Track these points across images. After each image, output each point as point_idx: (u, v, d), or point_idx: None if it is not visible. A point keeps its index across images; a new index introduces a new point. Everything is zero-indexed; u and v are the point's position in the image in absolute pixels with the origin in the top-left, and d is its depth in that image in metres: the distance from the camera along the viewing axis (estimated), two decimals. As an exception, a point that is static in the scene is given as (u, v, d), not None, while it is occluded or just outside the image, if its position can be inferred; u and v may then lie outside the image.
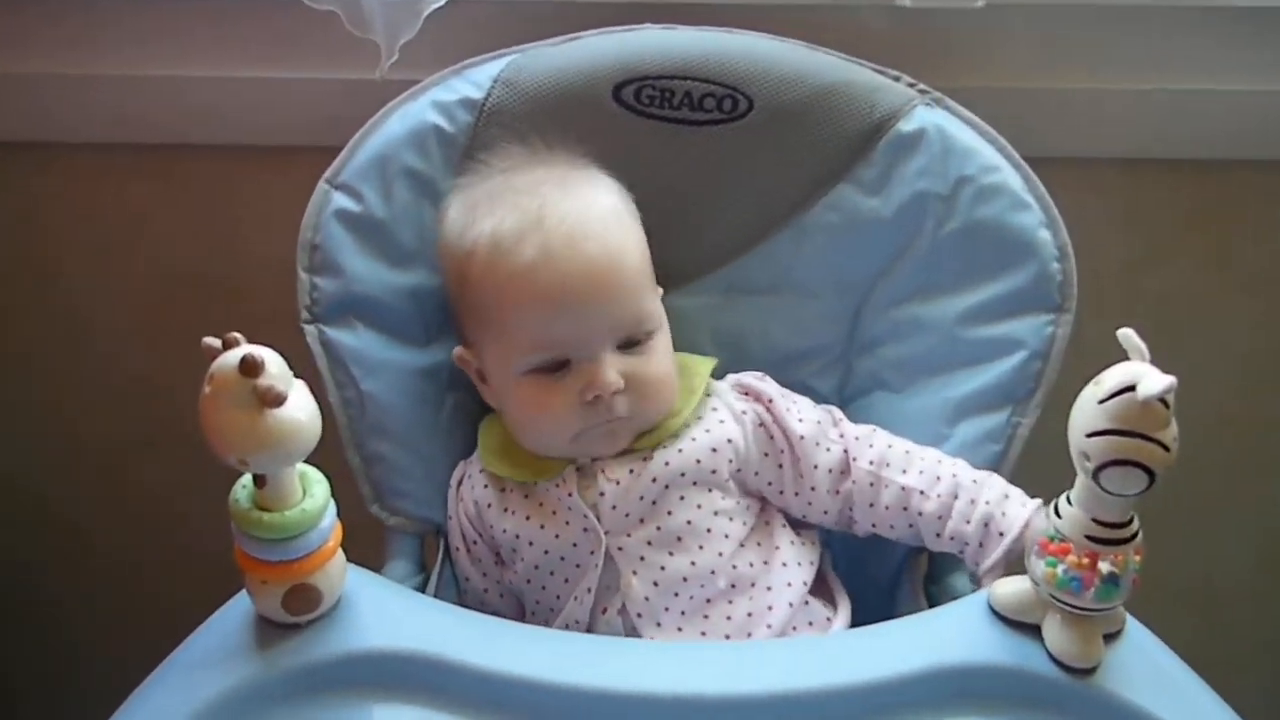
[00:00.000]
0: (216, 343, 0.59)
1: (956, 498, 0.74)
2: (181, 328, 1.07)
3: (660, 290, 0.81)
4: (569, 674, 0.62)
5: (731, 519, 0.77)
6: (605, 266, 0.73)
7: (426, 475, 0.82)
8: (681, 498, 0.76)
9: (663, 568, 0.74)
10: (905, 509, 0.76)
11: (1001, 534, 0.71)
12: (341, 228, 0.81)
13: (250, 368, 0.57)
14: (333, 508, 0.64)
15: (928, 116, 0.83)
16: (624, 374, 0.74)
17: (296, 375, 0.60)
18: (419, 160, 0.83)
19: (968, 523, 0.73)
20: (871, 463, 0.78)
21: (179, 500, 1.09)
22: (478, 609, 0.79)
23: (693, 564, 0.74)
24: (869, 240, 0.84)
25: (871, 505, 0.78)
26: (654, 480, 0.76)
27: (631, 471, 0.76)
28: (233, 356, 0.57)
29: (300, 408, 0.59)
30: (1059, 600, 0.62)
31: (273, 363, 0.58)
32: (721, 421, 0.78)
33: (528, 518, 0.77)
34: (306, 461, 0.62)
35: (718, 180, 0.85)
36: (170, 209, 1.07)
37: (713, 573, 0.75)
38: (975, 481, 0.75)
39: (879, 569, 0.85)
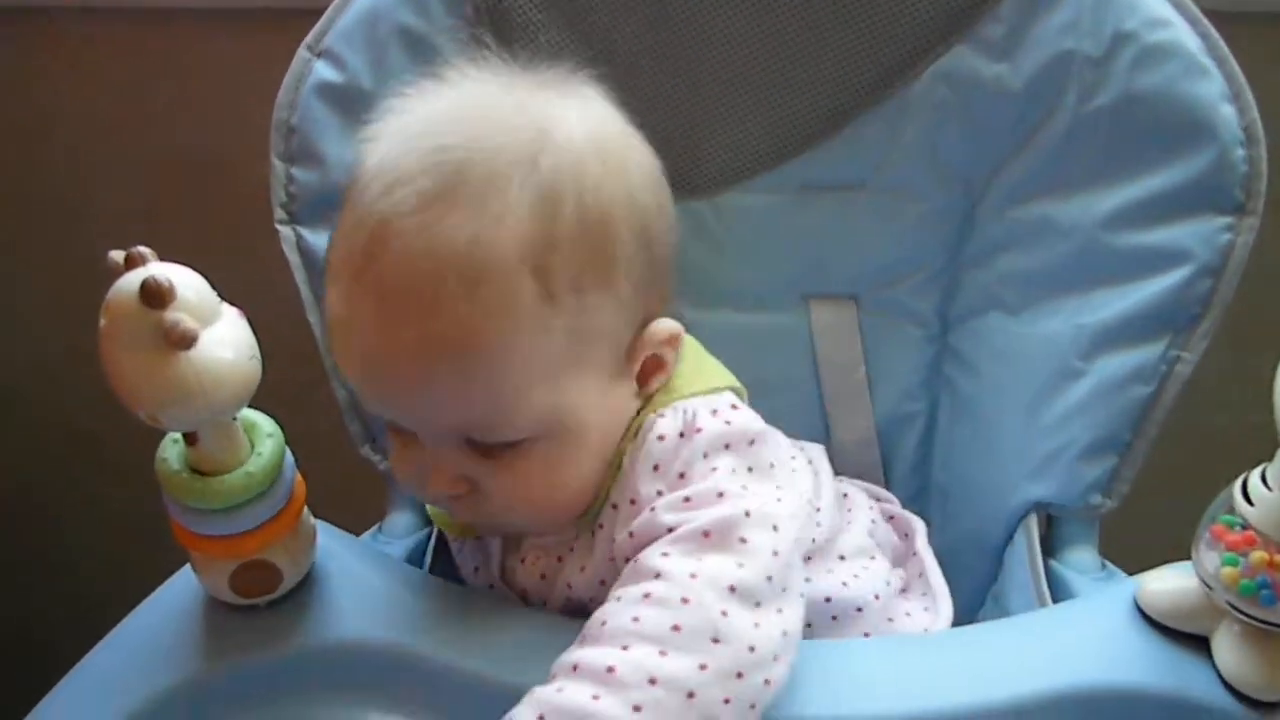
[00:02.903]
0: (119, 257, 0.45)
1: None
2: (184, 216, 0.97)
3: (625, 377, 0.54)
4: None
5: None
6: (414, 357, 0.48)
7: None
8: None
9: None
10: None
11: None
12: (323, 104, 0.67)
13: (153, 296, 0.43)
14: (290, 466, 0.51)
15: (1077, -48, 0.64)
16: (473, 480, 0.53)
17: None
18: (416, 17, 0.67)
19: None
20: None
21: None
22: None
23: None
24: (991, 119, 0.66)
25: None
26: (568, 587, 0.56)
27: (543, 578, 0.57)
28: (132, 280, 0.43)
29: (226, 344, 0.45)
30: (1239, 610, 0.47)
31: (187, 288, 0.44)
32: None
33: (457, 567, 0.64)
34: (255, 406, 0.49)
35: (791, 43, 0.67)
36: (165, 80, 0.95)
37: None
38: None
39: (981, 526, 0.69)
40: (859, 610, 0.58)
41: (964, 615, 0.68)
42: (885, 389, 0.73)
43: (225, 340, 0.45)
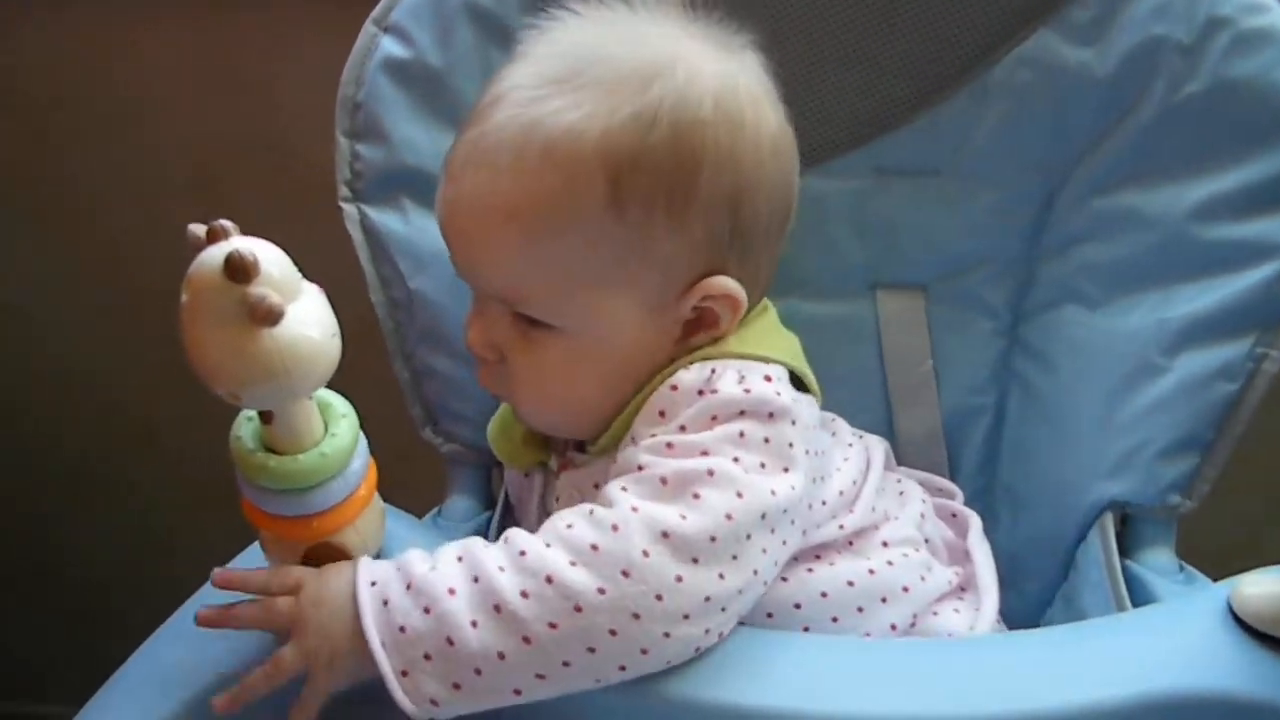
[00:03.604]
0: (200, 231, 0.44)
1: None
2: (243, 191, 0.96)
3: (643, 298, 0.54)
4: (672, 678, 0.47)
5: None
6: (470, 212, 0.53)
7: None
8: None
9: None
10: None
11: None
12: (390, 81, 0.65)
13: (238, 270, 0.41)
14: (363, 447, 0.50)
15: (1170, -66, 0.62)
16: (501, 351, 0.56)
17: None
18: (486, -6, 0.65)
19: None
20: None
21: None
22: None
23: None
24: (1075, 105, 0.64)
25: None
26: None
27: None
28: (216, 254, 0.42)
29: (310, 323, 0.44)
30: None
31: (271, 263, 0.43)
32: None
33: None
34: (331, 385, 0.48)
35: (870, 23, 0.65)
36: (228, 53, 0.93)
37: None
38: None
39: (1052, 524, 0.67)
40: (884, 600, 0.56)
41: (1031, 615, 0.67)
42: (952, 382, 0.71)
43: (308, 318, 0.44)
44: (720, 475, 0.48)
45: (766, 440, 0.50)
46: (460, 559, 0.47)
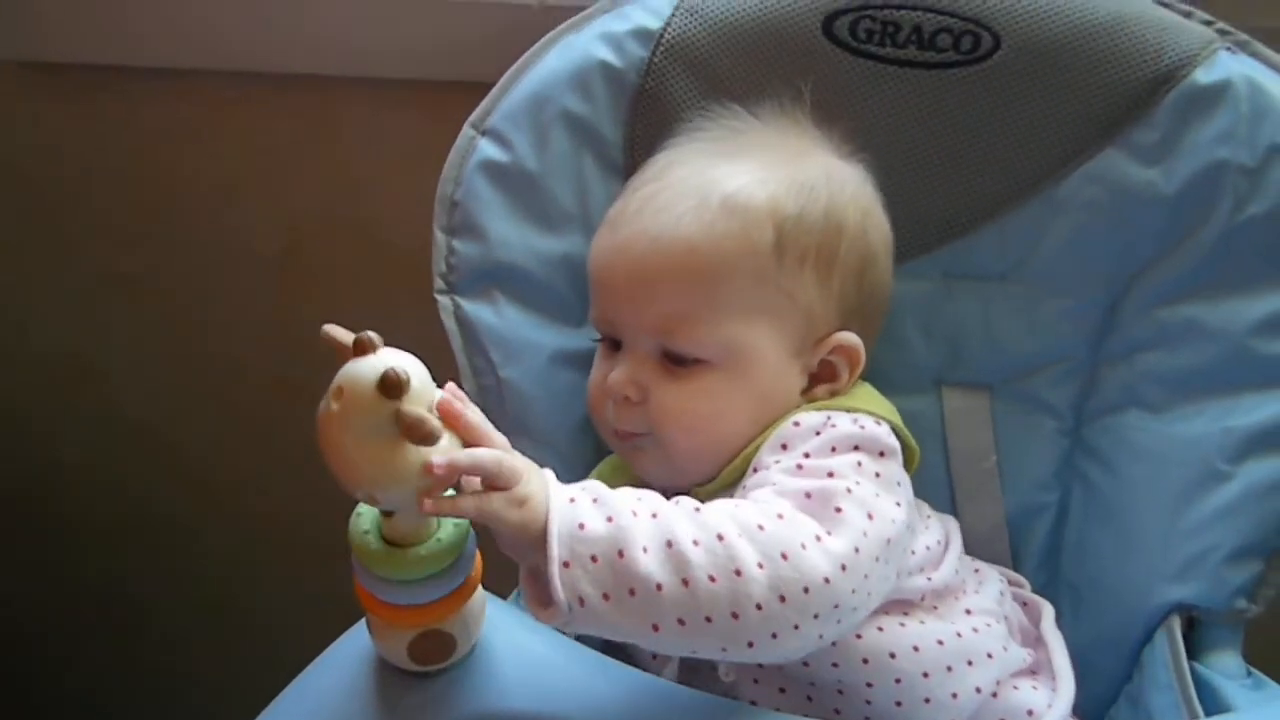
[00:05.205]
0: (346, 338, 0.46)
1: None
2: (319, 274, 0.99)
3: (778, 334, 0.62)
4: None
5: None
6: (649, 248, 0.61)
7: (573, 481, 0.69)
8: None
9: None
10: None
11: None
12: (487, 182, 0.69)
13: (392, 388, 0.44)
14: (473, 538, 0.52)
15: (1233, 65, 0.66)
16: (647, 391, 0.62)
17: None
18: (580, 103, 0.69)
19: None
20: None
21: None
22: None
23: None
24: (1140, 222, 0.68)
25: None
26: None
27: None
28: (368, 370, 0.45)
29: (443, 429, 0.47)
30: None
31: (415, 377, 0.46)
32: None
33: None
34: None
35: (949, 138, 0.69)
36: (307, 147, 0.96)
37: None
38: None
39: (1115, 623, 0.69)
40: (970, 664, 0.59)
41: (1093, 712, 0.68)
42: (1016, 479, 0.73)
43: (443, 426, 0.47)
44: (856, 494, 0.54)
45: (878, 475, 0.57)
46: (640, 499, 0.51)
